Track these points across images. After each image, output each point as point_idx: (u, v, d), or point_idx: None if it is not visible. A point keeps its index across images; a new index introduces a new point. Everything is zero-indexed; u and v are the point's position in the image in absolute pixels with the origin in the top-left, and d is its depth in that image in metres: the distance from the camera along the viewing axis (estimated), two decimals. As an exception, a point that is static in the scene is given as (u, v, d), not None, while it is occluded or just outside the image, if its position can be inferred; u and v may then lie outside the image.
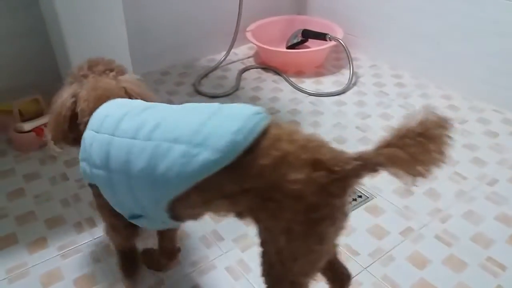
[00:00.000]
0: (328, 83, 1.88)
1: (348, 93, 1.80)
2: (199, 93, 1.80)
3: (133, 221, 0.84)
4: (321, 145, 0.68)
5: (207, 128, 0.68)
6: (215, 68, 1.99)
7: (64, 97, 0.86)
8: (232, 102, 1.73)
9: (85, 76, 0.87)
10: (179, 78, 1.92)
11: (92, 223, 1.17)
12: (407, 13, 1.85)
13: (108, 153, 0.75)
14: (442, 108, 1.68)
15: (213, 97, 1.77)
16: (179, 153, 0.68)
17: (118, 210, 0.83)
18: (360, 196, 1.27)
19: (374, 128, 1.57)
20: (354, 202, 1.25)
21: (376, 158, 0.64)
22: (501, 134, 1.53)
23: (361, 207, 1.23)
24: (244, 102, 1.73)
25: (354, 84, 1.86)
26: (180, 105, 0.78)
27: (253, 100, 1.75)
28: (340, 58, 2.08)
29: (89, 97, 0.84)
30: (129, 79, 0.90)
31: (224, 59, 2.04)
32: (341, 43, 1.91)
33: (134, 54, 1.73)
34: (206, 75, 1.95)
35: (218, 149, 0.66)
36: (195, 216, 0.82)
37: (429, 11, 1.77)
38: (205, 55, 2.11)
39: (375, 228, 1.16)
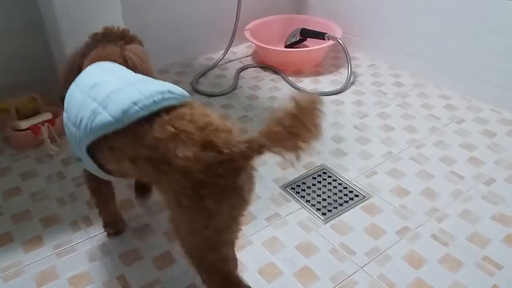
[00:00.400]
0: (326, 82, 1.88)
1: (346, 92, 1.80)
2: (197, 92, 1.80)
3: (80, 164, 0.95)
4: (220, 129, 0.73)
5: (118, 94, 0.79)
6: (213, 67, 1.99)
7: (75, 55, 1.02)
8: (230, 101, 1.74)
9: (97, 41, 1.01)
10: (177, 77, 1.92)
11: (88, 222, 1.17)
12: (405, 13, 1.85)
13: (69, 100, 0.90)
14: (440, 108, 1.68)
15: (211, 95, 1.77)
16: (91, 109, 0.81)
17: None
18: (357, 196, 1.27)
19: (372, 127, 1.57)
20: (350, 201, 1.25)
21: (259, 139, 0.68)
22: (498, 134, 1.52)
23: (358, 206, 1.23)
24: (242, 101, 1.74)
25: (352, 83, 1.86)
26: (130, 73, 0.90)
27: (251, 99, 1.75)
28: (338, 57, 2.08)
29: (90, 58, 0.97)
30: (134, 49, 1.01)
31: (222, 57, 2.04)
32: (339, 42, 1.91)
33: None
34: (204, 74, 1.94)
35: (112, 113, 0.78)
36: (121, 174, 0.89)
37: (428, 11, 1.76)
38: (203, 54, 2.11)
39: (371, 227, 1.16)
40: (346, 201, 1.25)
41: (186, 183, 0.70)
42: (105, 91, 0.81)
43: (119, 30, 1.02)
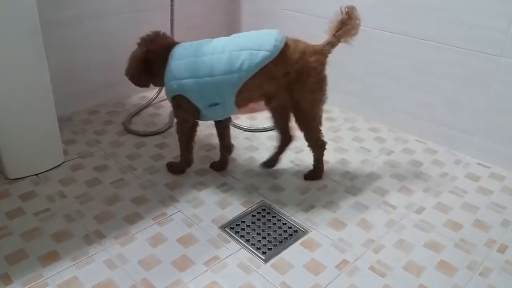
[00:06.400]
0: (261, 118, 1.90)
1: (281, 128, 1.83)
2: (130, 132, 1.74)
3: (208, 110, 1.34)
4: (313, 44, 1.32)
5: (260, 41, 1.25)
6: (147, 105, 1.95)
7: (138, 55, 1.37)
8: (165, 140, 1.69)
9: (150, 41, 1.39)
10: (108, 117, 1.85)
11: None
12: (333, 52, 1.94)
13: (197, 66, 1.28)
14: (370, 140, 1.75)
15: (144, 135, 1.72)
16: (247, 54, 1.24)
17: (200, 104, 1.33)
18: (296, 231, 1.26)
19: (307, 162, 1.59)
20: (290, 238, 1.24)
21: (332, 39, 1.33)
22: (425, 163, 1.61)
23: (297, 242, 1.22)
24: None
25: (287, 119, 1.90)
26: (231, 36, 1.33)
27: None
28: (272, 94, 2.12)
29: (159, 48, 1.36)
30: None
31: (157, 96, 2.00)
32: (272, 79, 1.95)
33: (59, 93, 1.65)
34: (137, 113, 1.89)
35: (267, 49, 1.24)
36: (247, 102, 1.35)
37: (355, 50, 1.86)
38: (136, 93, 2.06)
39: (311, 263, 1.15)
40: (286, 238, 1.24)
41: (316, 74, 1.31)
42: (246, 43, 1.26)
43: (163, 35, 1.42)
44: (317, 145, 1.44)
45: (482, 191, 1.47)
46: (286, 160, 1.60)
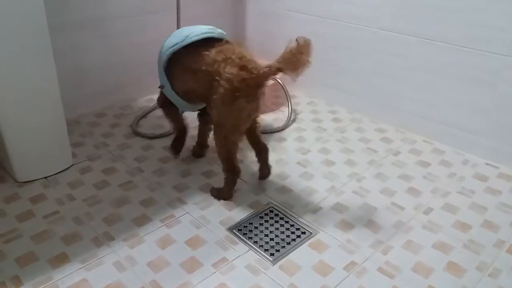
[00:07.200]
0: (269, 120, 1.91)
1: (288, 129, 1.83)
2: (137, 134, 1.75)
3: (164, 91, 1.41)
4: (250, 60, 1.22)
5: (191, 30, 1.30)
6: (154, 108, 1.95)
7: None
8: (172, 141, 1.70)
9: None
10: (115, 120, 1.86)
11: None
12: (339, 53, 1.94)
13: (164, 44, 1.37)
14: (377, 141, 1.75)
15: (151, 138, 1.73)
16: (172, 41, 1.32)
17: (162, 81, 1.41)
18: (304, 233, 1.26)
19: (314, 163, 1.60)
20: (298, 239, 1.24)
21: (276, 65, 1.16)
22: (432, 164, 1.61)
23: (305, 243, 1.22)
24: (185, 141, 1.71)
25: (294, 120, 1.90)
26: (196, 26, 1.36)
27: (195, 139, 1.72)
28: (279, 96, 2.12)
29: None
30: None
31: (163, 99, 2.01)
32: (278, 81, 1.96)
33: (66, 96, 1.66)
34: (144, 115, 1.90)
35: (178, 39, 1.30)
36: (185, 94, 1.37)
37: (360, 51, 1.86)
38: (143, 95, 2.07)
39: (319, 265, 1.15)
40: (294, 239, 1.24)
41: (229, 88, 1.18)
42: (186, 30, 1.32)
43: None
44: (224, 166, 1.35)
45: (490, 191, 1.46)
46: (293, 161, 1.60)
